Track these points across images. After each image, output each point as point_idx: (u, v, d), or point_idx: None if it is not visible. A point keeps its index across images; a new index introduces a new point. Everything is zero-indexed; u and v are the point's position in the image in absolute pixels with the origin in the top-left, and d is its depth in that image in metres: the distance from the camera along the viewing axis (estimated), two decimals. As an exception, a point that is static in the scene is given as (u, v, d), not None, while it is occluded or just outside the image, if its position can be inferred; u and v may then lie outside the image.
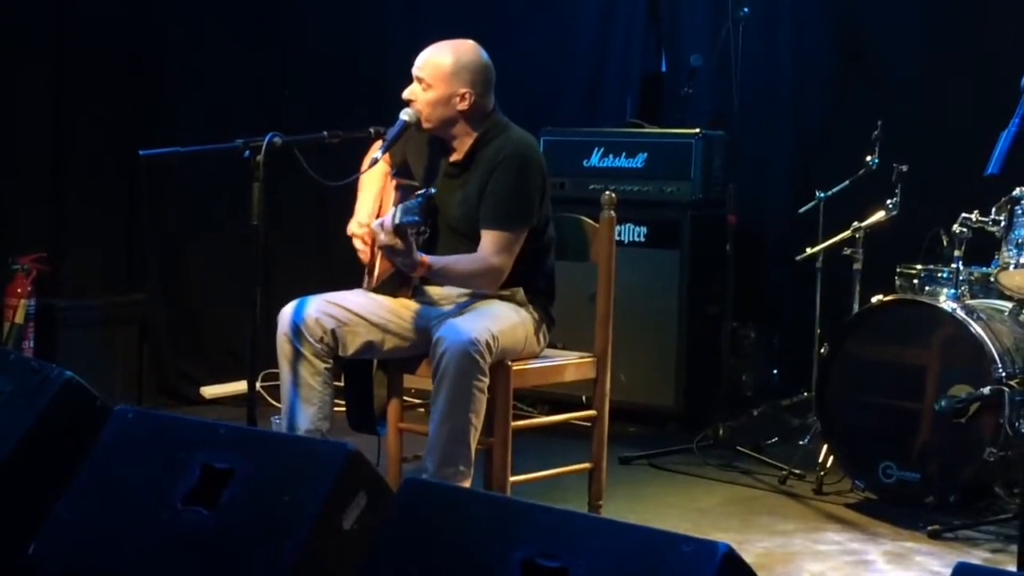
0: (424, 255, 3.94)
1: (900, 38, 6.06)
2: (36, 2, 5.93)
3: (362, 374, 4.32)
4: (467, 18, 6.44)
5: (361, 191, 4.35)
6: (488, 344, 3.90)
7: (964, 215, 4.75)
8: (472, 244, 4.11)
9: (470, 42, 4.24)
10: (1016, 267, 4.60)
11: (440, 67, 4.16)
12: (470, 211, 4.16)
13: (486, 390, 3.95)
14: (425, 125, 4.18)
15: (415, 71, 4.20)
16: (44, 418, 3.14)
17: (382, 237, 3.85)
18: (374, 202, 4.33)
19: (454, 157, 4.24)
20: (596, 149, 6.06)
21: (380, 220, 3.90)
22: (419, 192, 3.81)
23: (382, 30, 6.76)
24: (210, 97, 6.43)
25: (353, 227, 4.25)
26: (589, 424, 4.40)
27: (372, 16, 6.82)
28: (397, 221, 3.79)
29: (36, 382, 3.22)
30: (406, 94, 4.19)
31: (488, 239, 4.09)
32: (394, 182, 4.29)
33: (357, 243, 4.25)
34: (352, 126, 4.22)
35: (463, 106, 4.16)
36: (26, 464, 3.10)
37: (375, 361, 4.32)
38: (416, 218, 3.75)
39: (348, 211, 4.34)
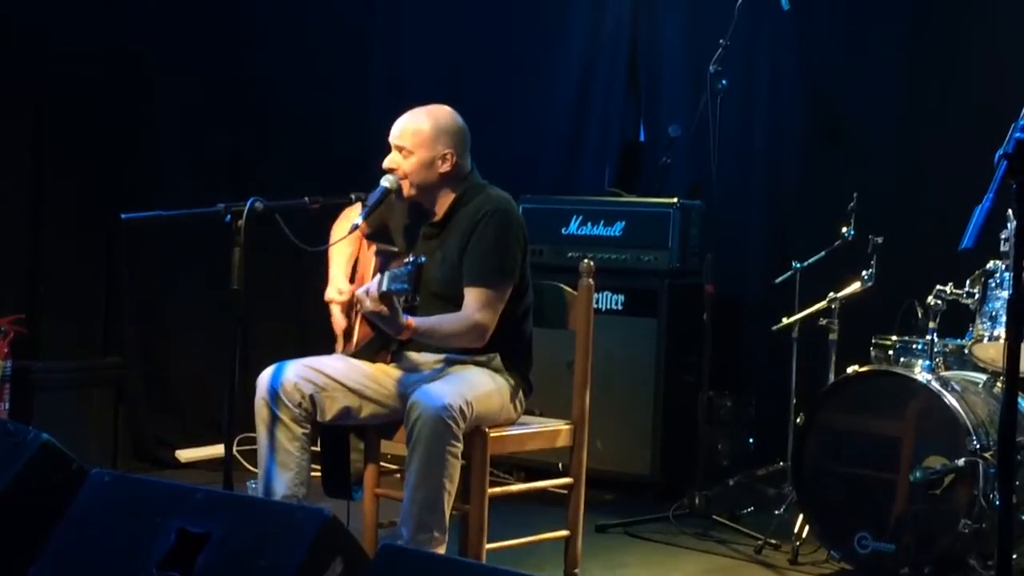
0: (409, 318, 3.95)
1: (875, 111, 6.13)
2: (15, 64, 5.96)
3: (337, 439, 4.31)
4: (446, 85, 6.49)
5: (332, 258, 4.36)
6: (462, 410, 3.90)
7: (939, 287, 4.80)
8: (453, 307, 4.12)
9: (444, 106, 4.30)
10: (990, 339, 4.64)
11: (420, 132, 4.20)
12: (451, 271, 4.17)
13: (460, 456, 3.94)
14: (409, 192, 4.21)
15: (393, 140, 4.23)
16: (19, 481, 3.13)
17: (368, 304, 3.85)
18: (347, 266, 4.34)
19: (433, 219, 4.27)
20: (575, 217, 6.10)
21: (365, 287, 3.90)
22: (408, 260, 3.81)
23: (363, 97, 6.81)
24: (189, 161, 6.46)
25: (332, 293, 4.26)
26: (565, 492, 4.39)
27: (353, 82, 6.87)
28: (384, 288, 3.79)
29: (11, 445, 3.21)
30: (387, 163, 4.22)
31: (471, 296, 4.11)
32: (373, 247, 4.30)
33: (335, 310, 4.25)
34: (333, 192, 4.24)
35: (445, 168, 4.20)
36: (1, 527, 3.08)
37: (350, 426, 4.31)
38: (405, 286, 3.75)
39: (324, 276, 4.34)
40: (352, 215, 4.22)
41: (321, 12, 6.88)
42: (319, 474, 4.32)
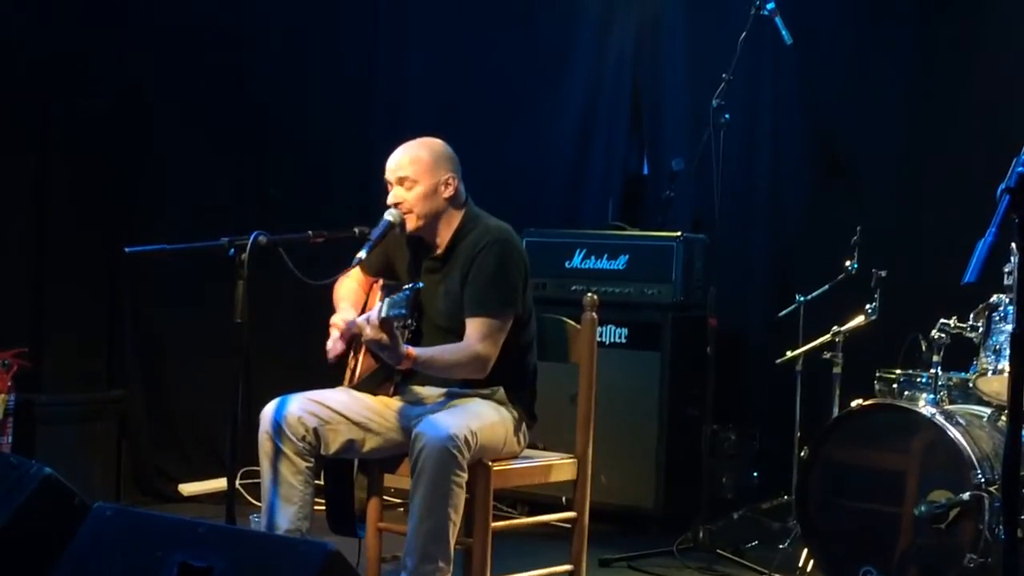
0: (410, 347, 3.95)
1: (878, 145, 6.15)
2: (21, 98, 5.97)
3: (342, 475, 4.30)
4: (450, 119, 6.51)
5: (340, 294, 4.36)
6: (467, 440, 3.90)
7: (942, 321, 4.80)
8: (458, 339, 4.12)
9: (431, 137, 4.32)
10: (994, 373, 4.64)
11: (420, 161, 4.22)
12: (454, 303, 4.17)
13: (464, 485, 3.94)
14: (415, 224, 4.21)
15: (392, 175, 4.24)
16: (22, 514, 3.13)
17: (368, 331, 3.86)
18: (355, 296, 4.34)
19: (435, 253, 4.27)
20: (578, 250, 6.11)
21: (366, 315, 3.92)
22: (406, 287, 3.82)
23: (367, 132, 6.83)
24: (193, 193, 6.48)
25: (335, 319, 4.24)
26: (569, 526, 4.38)
27: (357, 118, 6.88)
28: (383, 314, 3.80)
29: (14, 478, 3.21)
30: (391, 199, 4.22)
31: (473, 327, 4.11)
32: (380, 282, 4.31)
33: (334, 333, 4.21)
34: (337, 226, 4.24)
35: (449, 193, 4.21)
36: (3, 561, 3.08)
37: (355, 462, 4.30)
38: (403, 311, 3.76)
39: (329, 309, 4.34)
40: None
41: (323, 34, 6.89)
42: (323, 508, 4.31)
